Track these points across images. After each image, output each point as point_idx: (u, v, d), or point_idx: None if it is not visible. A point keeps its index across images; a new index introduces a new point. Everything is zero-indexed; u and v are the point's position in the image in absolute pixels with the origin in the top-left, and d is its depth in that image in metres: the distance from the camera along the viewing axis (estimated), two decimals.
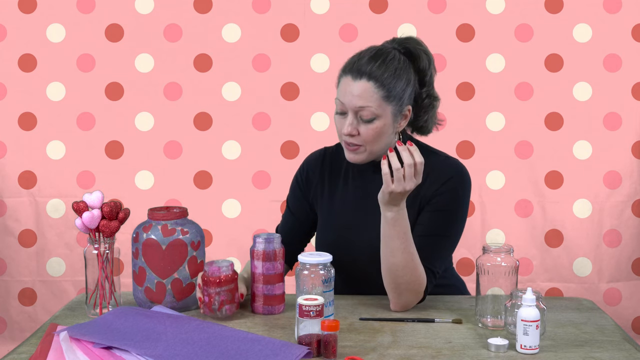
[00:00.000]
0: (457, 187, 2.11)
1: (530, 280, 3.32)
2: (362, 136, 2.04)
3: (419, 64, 2.10)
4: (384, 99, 2.02)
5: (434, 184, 2.10)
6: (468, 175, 2.15)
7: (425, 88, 2.12)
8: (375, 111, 2.02)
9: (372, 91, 2.01)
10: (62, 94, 3.31)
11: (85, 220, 1.98)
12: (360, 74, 2.03)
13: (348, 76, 2.05)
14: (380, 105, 2.02)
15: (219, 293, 1.95)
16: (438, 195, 2.10)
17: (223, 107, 3.32)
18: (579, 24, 3.25)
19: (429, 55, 2.12)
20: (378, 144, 2.07)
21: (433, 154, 2.17)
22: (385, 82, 2.02)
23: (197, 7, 3.29)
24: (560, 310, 2.08)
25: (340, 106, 2.06)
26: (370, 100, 2.01)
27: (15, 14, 3.28)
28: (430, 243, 2.08)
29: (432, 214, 2.10)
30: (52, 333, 1.85)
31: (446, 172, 2.12)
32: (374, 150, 2.08)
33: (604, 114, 3.27)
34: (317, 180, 2.27)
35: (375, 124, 2.03)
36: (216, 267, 1.96)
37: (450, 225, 2.11)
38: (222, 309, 1.96)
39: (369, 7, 3.27)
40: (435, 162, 2.14)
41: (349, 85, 2.04)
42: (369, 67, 2.03)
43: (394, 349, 1.79)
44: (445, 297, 2.20)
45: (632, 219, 3.30)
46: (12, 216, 3.34)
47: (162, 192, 3.33)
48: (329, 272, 1.87)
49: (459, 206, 2.12)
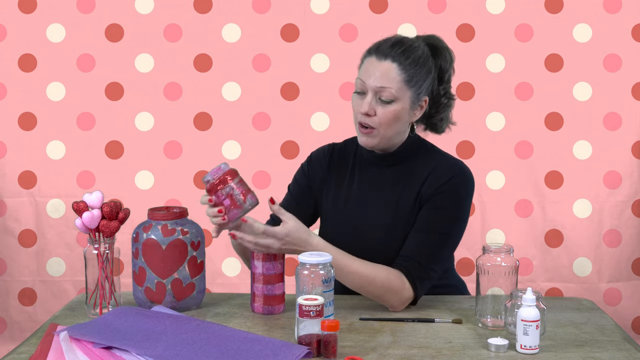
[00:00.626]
0: (459, 187, 2.12)
1: (530, 280, 3.32)
2: (379, 117, 2.07)
3: (441, 60, 2.16)
4: (405, 82, 2.06)
5: (436, 182, 2.11)
6: (471, 177, 2.16)
7: (443, 85, 2.18)
8: (396, 93, 2.05)
9: (395, 73, 2.05)
10: (62, 94, 3.31)
11: (85, 220, 1.98)
12: (385, 55, 2.07)
13: (372, 56, 2.09)
14: (400, 88, 2.06)
15: (235, 185, 1.94)
16: (438, 194, 2.10)
17: (223, 107, 3.32)
18: (579, 24, 3.25)
19: (450, 54, 2.19)
20: (392, 129, 2.09)
21: (437, 154, 2.20)
22: (408, 66, 2.06)
23: (197, 7, 3.29)
24: (560, 310, 2.08)
25: (361, 85, 2.09)
26: (392, 82, 2.05)
27: (15, 14, 3.28)
28: (426, 240, 2.08)
29: (431, 211, 2.10)
30: (52, 333, 1.85)
31: (449, 171, 2.13)
32: (387, 135, 2.10)
33: (604, 114, 3.27)
34: (324, 175, 2.27)
35: (393, 106, 2.06)
36: (215, 169, 1.96)
37: (449, 224, 2.11)
38: (246, 198, 1.95)
39: (369, 7, 3.27)
40: (439, 161, 2.16)
41: (373, 65, 2.08)
42: (394, 50, 2.07)
43: (394, 349, 1.79)
44: (445, 297, 2.20)
45: (632, 219, 3.30)
46: (12, 216, 3.34)
47: (162, 192, 3.33)
48: (329, 272, 1.87)
49: (459, 206, 2.12)
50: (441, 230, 2.10)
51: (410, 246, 2.09)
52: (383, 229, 2.15)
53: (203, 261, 2.09)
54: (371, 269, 2.04)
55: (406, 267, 2.06)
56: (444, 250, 2.13)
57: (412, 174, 2.15)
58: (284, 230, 1.98)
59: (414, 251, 2.07)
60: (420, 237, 2.09)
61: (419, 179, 2.13)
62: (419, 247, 2.07)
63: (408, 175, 2.16)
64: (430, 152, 2.20)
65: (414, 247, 2.08)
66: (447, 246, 2.14)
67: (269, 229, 1.98)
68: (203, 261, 2.09)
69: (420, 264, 2.06)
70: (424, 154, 2.19)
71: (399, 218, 2.14)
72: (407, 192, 2.14)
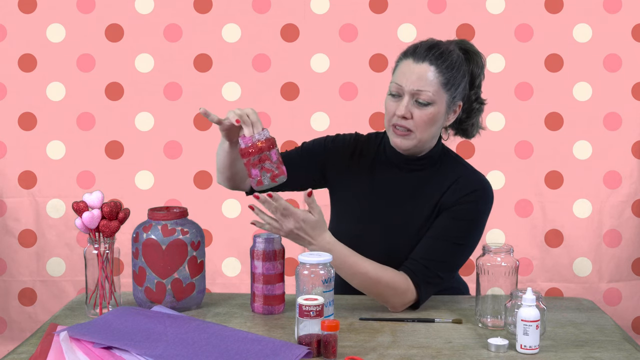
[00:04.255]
0: (479, 201, 2.12)
1: (530, 280, 3.32)
2: (415, 120, 2.06)
3: (473, 65, 2.15)
4: (442, 85, 2.06)
5: (457, 193, 2.11)
6: (492, 193, 2.17)
7: (474, 90, 2.17)
8: (433, 96, 2.05)
9: (433, 75, 2.05)
10: (62, 94, 3.31)
11: (85, 220, 1.98)
12: (422, 58, 2.06)
13: (409, 59, 2.08)
14: (437, 91, 2.06)
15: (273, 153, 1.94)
16: (458, 205, 2.10)
17: (223, 107, 3.31)
18: (579, 24, 3.25)
19: (482, 59, 2.18)
20: (428, 132, 2.09)
21: (462, 165, 2.19)
22: (445, 70, 2.06)
23: (197, 7, 3.29)
24: (560, 310, 2.08)
25: (397, 88, 2.08)
26: (430, 85, 2.05)
27: (15, 14, 3.29)
28: (437, 246, 2.08)
29: (448, 220, 2.10)
30: (52, 333, 1.85)
31: (471, 184, 2.13)
32: (423, 138, 2.09)
33: (604, 114, 3.27)
34: (343, 163, 2.25)
35: (429, 109, 2.06)
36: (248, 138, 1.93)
37: (464, 235, 2.10)
38: (280, 166, 1.95)
39: (369, 7, 3.27)
40: (463, 173, 2.16)
41: (410, 67, 2.07)
42: (431, 53, 2.07)
43: (394, 349, 1.79)
44: (445, 297, 2.20)
45: (632, 219, 3.30)
46: (12, 216, 3.34)
47: (162, 192, 3.33)
48: (329, 272, 1.87)
49: (477, 219, 2.12)
50: (454, 240, 2.09)
51: (420, 250, 2.08)
52: (396, 231, 2.14)
53: (203, 261, 2.09)
54: (378, 269, 2.04)
55: (413, 270, 2.05)
56: (454, 260, 2.12)
57: (433, 182, 2.15)
58: (304, 215, 1.96)
59: (424, 255, 2.07)
60: (432, 242, 2.08)
61: (441, 188, 2.13)
62: (429, 252, 2.07)
63: (428, 182, 2.15)
64: (454, 162, 2.19)
65: (424, 251, 2.07)
66: (457, 256, 2.12)
67: (291, 207, 1.96)
68: (203, 261, 2.09)
69: (427, 269, 2.06)
70: (448, 163, 2.18)
71: (414, 223, 2.13)
72: (426, 199, 2.14)
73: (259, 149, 1.93)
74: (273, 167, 1.94)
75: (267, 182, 1.95)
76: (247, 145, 1.94)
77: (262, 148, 1.94)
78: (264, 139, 1.94)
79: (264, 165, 1.94)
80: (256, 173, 1.94)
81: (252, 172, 1.95)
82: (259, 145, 1.94)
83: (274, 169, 1.95)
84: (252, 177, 1.95)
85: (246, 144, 1.94)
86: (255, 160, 1.94)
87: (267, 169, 1.94)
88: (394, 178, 2.19)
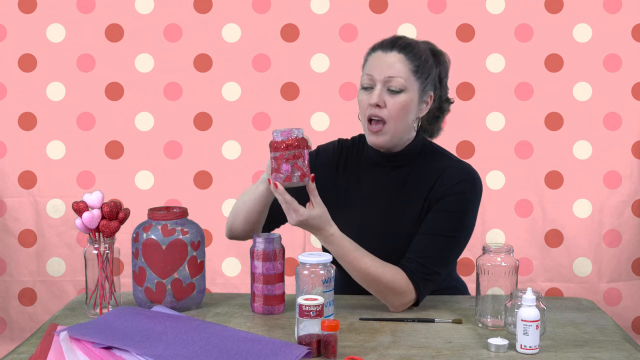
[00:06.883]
0: (467, 191, 2.12)
1: (530, 280, 3.32)
2: (388, 109, 2.08)
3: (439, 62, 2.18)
4: (412, 72, 2.09)
5: (444, 185, 2.11)
6: (480, 181, 2.16)
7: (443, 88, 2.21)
8: (405, 82, 2.08)
9: (404, 62, 2.09)
10: (62, 94, 3.31)
11: (85, 220, 1.98)
12: (390, 48, 2.11)
13: (378, 51, 2.13)
14: (409, 78, 2.08)
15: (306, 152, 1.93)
16: (446, 197, 2.10)
17: (223, 107, 3.32)
18: (579, 24, 3.25)
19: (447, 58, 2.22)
20: (402, 122, 2.10)
21: (446, 157, 2.19)
22: (413, 57, 2.10)
23: (197, 7, 3.29)
24: (560, 310, 2.08)
25: (368, 79, 2.10)
26: (401, 72, 2.08)
27: (15, 14, 3.29)
28: (431, 242, 2.08)
29: (438, 214, 2.10)
30: (52, 333, 1.85)
31: (457, 174, 2.13)
32: (397, 129, 2.10)
33: (604, 114, 3.27)
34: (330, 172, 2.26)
35: (402, 96, 2.08)
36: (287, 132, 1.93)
37: (456, 227, 2.10)
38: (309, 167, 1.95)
39: (369, 7, 3.27)
40: (447, 165, 2.15)
41: (380, 57, 2.11)
42: (398, 44, 2.11)
43: (394, 349, 1.79)
44: (445, 297, 2.20)
45: (632, 219, 3.30)
46: (12, 216, 3.34)
47: (162, 192, 3.33)
48: (329, 272, 1.87)
49: (467, 210, 2.12)
50: (447, 233, 2.09)
51: (415, 248, 2.08)
52: (388, 231, 2.14)
53: (203, 261, 2.09)
54: (379, 267, 2.03)
55: (410, 268, 2.05)
56: (449, 253, 2.12)
57: (420, 177, 2.15)
58: (306, 213, 1.97)
59: (419, 253, 2.07)
60: (426, 239, 2.08)
61: (428, 183, 2.13)
62: (424, 249, 2.07)
63: (415, 177, 2.16)
64: (437, 154, 2.19)
65: (418, 248, 2.07)
66: (452, 249, 2.12)
67: (295, 203, 1.96)
68: (203, 261, 2.09)
69: (424, 266, 2.06)
70: (432, 156, 2.18)
71: (405, 221, 2.13)
72: (414, 195, 2.14)
73: (297, 145, 1.94)
74: (304, 166, 1.95)
75: (295, 179, 1.95)
76: (286, 139, 1.94)
77: (300, 145, 1.94)
78: (301, 136, 1.95)
79: (297, 162, 1.94)
80: (287, 168, 1.94)
81: (283, 167, 1.94)
82: (297, 141, 1.94)
83: (304, 168, 1.95)
84: (281, 172, 1.94)
85: (285, 137, 1.94)
86: (290, 155, 1.94)
87: (299, 167, 1.94)
88: (380, 178, 2.19)
